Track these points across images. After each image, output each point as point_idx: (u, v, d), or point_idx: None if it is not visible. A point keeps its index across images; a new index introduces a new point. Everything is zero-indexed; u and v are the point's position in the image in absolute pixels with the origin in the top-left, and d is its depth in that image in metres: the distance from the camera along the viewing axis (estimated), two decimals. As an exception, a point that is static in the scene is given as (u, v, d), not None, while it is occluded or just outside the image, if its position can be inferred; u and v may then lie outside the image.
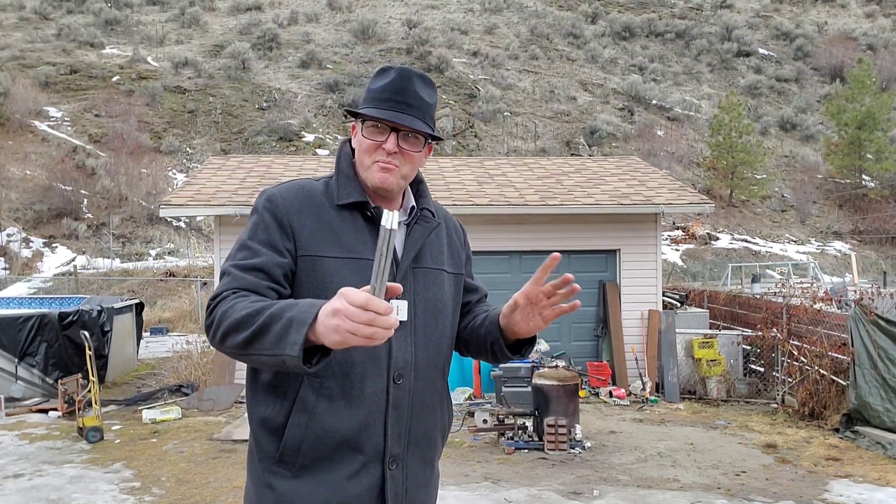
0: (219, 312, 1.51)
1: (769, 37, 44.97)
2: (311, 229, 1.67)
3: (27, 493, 5.93)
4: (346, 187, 1.73)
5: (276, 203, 1.70)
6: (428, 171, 12.16)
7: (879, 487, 6.06)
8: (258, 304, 1.49)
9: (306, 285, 1.64)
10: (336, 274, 1.63)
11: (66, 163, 26.02)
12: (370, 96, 1.75)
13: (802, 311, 9.14)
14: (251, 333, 1.43)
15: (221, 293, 1.56)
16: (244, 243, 1.67)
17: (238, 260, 1.64)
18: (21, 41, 35.35)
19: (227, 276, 1.61)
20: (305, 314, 1.37)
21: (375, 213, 1.70)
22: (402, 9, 43.64)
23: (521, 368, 8.60)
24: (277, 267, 1.62)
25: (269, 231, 1.66)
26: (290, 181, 1.78)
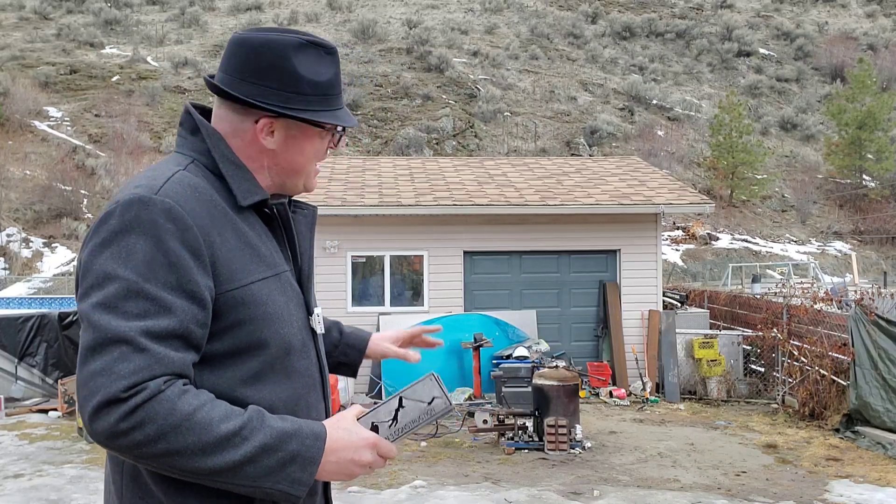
0: (160, 418, 1.10)
1: (770, 37, 44.96)
2: (230, 249, 1.26)
3: (27, 494, 5.93)
4: (242, 181, 1.34)
5: (182, 220, 1.20)
6: (428, 171, 12.16)
7: (880, 488, 6.05)
8: (226, 412, 1.16)
9: (237, 329, 1.25)
10: (268, 300, 1.29)
11: (65, 163, 26.03)
12: (322, 92, 1.36)
13: (803, 312, 9.13)
14: (233, 462, 1.13)
15: (146, 384, 1.11)
16: (137, 287, 1.15)
17: (138, 318, 1.14)
18: (21, 41, 35.36)
19: (129, 347, 1.12)
20: (312, 450, 1.20)
21: (280, 211, 1.41)
22: (402, 9, 43.64)
23: (521, 369, 8.60)
24: (198, 327, 1.19)
25: (181, 269, 1.18)
26: (167, 179, 1.25)
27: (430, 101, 32.60)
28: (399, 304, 10.29)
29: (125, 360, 1.11)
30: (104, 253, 1.18)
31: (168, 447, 1.11)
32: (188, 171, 1.30)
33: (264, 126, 1.35)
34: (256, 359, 1.27)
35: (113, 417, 1.10)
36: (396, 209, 10.02)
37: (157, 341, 1.14)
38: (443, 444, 7.47)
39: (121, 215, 1.19)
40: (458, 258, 10.33)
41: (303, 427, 1.22)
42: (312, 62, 1.35)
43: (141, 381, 1.11)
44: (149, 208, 1.19)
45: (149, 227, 1.18)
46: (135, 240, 1.17)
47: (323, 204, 9.93)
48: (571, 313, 10.56)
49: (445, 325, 10.76)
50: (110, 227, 1.19)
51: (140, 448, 1.11)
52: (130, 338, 1.12)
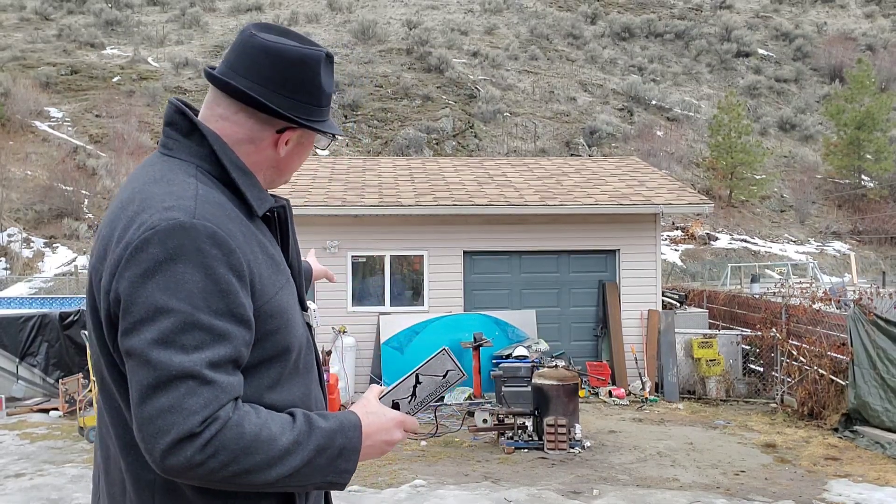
0: (232, 444, 1.13)
1: (768, 37, 44.99)
2: (260, 264, 1.27)
3: (28, 493, 5.95)
4: (253, 188, 1.34)
5: (226, 245, 1.19)
6: (428, 171, 12.19)
7: (878, 487, 6.08)
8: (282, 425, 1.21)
9: (266, 341, 1.27)
10: (287, 307, 1.32)
11: (66, 163, 26.04)
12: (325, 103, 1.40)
13: (802, 311, 9.16)
14: (293, 469, 1.19)
15: (217, 414, 1.13)
16: (193, 319, 1.14)
17: (198, 350, 1.13)
18: (22, 41, 35.38)
19: (195, 381, 1.12)
20: (354, 441, 1.28)
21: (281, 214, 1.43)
22: (402, 9, 43.65)
23: (521, 368, 8.62)
24: (246, 348, 1.22)
25: (231, 295, 1.18)
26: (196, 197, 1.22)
27: (429, 102, 32.62)
28: (399, 304, 10.31)
29: (194, 394, 1.11)
30: (149, 284, 1.14)
31: (239, 468, 1.14)
32: (201, 182, 1.27)
33: (288, 137, 1.37)
34: (280, 364, 1.30)
35: (189, 452, 1.11)
36: (396, 209, 10.04)
37: (219, 370, 1.15)
38: (443, 444, 7.49)
39: (162, 243, 1.15)
40: (457, 258, 10.35)
41: (344, 421, 1.28)
42: (328, 75, 1.39)
43: (212, 413, 1.12)
44: (192, 235, 1.16)
45: (196, 255, 1.15)
46: (182, 269, 1.14)
47: (323, 204, 9.96)
48: (571, 313, 10.59)
49: (445, 325, 10.86)
50: (152, 257, 1.14)
51: (214, 474, 1.13)
52: (196, 372, 1.12)
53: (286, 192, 9.97)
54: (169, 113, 1.35)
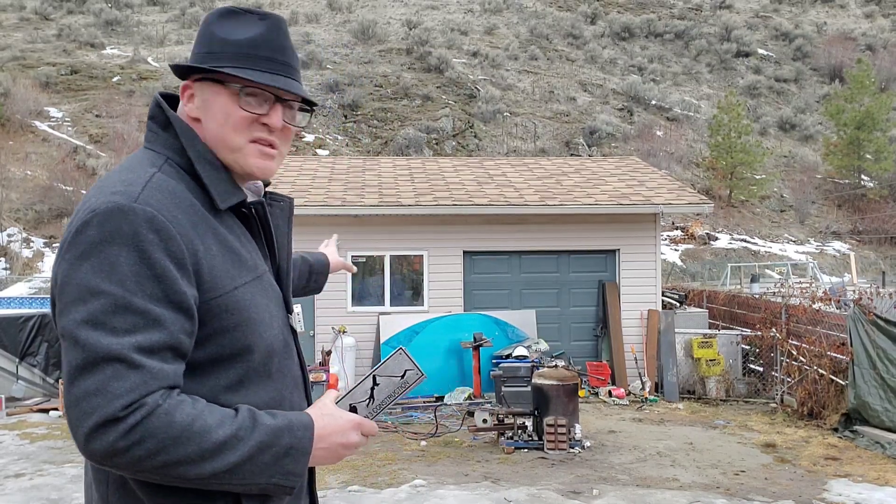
0: (160, 432, 1.09)
1: (768, 37, 45.00)
2: (213, 256, 1.22)
3: (28, 493, 5.95)
4: (220, 182, 1.29)
5: (165, 230, 1.16)
6: (428, 171, 12.18)
7: (878, 487, 6.08)
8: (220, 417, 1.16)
9: (221, 337, 1.23)
10: (251, 304, 1.27)
11: (66, 163, 26.04)
12: (235, 50, 1.29)
13: (801, 311, 9.16)
14: (231, 464, 1.14)
15: (144, 400, 1.09)
16: (125, 301, 1.11)
17: (128, 334, 1.10)
18: (21, 41, 35.37)
19: (122, 364, 1.09)
20: (304, 441, 1.21)
21: (259, 210, 1.37)
22: (402, 9, 43.66)
23: (520, 368, 8.62)
24: (186, 336, 1.17)
25: (167, 280, 1.15)
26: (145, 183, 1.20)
27: (429, 102, 32.63)
28: (399, 304, 10.31)
29: (120, 378, 1.08)
30: (84, 266, 1.13)
31: (168, 459, 1.10)
32: (163, 172, 1.25)
33: (185, 90, 1.32)
34: (240, 365, 1.26)
35: (111, 437, 1.08)
36: (396, 209, 10.04)
37: (150, 356, 1.12)
38: (443, 444, 7.49)
39: (100, 225, 1.14)
40: (457, 258, 10.35)
41: (293, 420, 1.22)
42: (234, 24, 1.32)
43: (138, 399, 1.09)
44: (129, 218, 1.14)
45: (131, 238, 1.13)
46: (117, 251, 1.12)
47: (323, 204, 9.95)
48: (571, 313, 10.59)
49: (445, 325, 10.85)
50: (89, 239, 1.13)
51: (140, 463, 1.10)
52: (123, 355, 1.09)
53: (286, 192, 9.97)
54: (151, 107, 1.34)
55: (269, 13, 1.35)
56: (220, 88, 1.29)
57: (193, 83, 1.32)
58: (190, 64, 1.31)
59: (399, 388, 1.40)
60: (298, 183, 11.00)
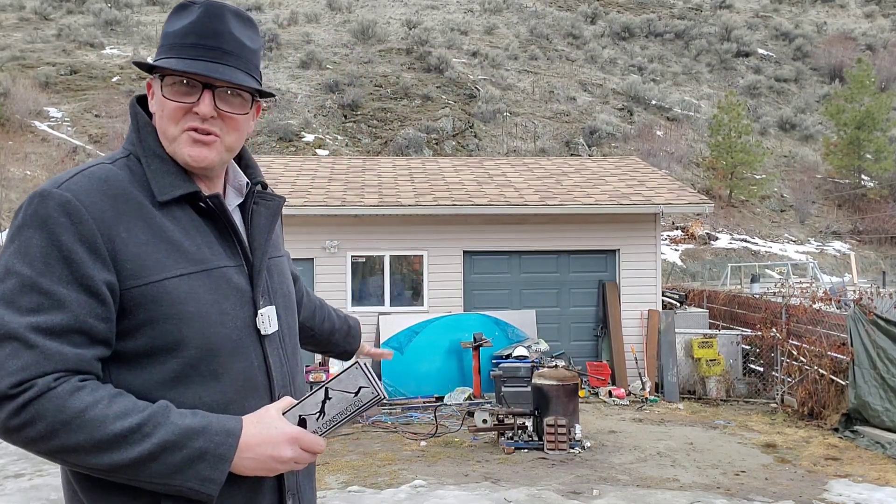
0: (50, 416, 1.09)
1: (768, 37, 45.00)
2: (139, 244, 1.21)
3: (27, 493, 5.94)
4: (165, 175, 1.29)
5: (77, 213, 1.17)
6: (428, 171, 12.17)
7: (879, 487, 6.07)
8: (125, 409, 1.13)
9: (150, 328, 1.21)
10: (188, 297, 1.23)
11: (66, 163, 26.03)
12: (168, 42, 1.31)
13: (802, 311, 9.16)
14: (131, 460, 1.11)
15: (35, 381, 1.09)
16: (31, 281, 1.13)
17: (31, 314, 1.12)
18: (21, 41, 35.37)
19: (19, 343, 1.10)
20: (223, 447, 1.16)
21: (215, 203, 1.32)
22: (402, 9, 43.65)
23: (520, 368, 8.61)
24: (98, 321, 1.16)
25: (74, 263, 1.15)
26: (77, 172, 1.24)
27: (429, 102, 32.62)
28: (399, 304, 10.30)
29: (14, 356, 1.10)
30: (9, 248, 1.18)
31: (62, 444, 1.10)
32: (116, 164, 1.27)
33: (149, 87, 1.36)
34: (175, 360, 1.22)
35: (3, 414, 1.10)
36: (396, 209, 10.04)
37: (50, 337, 1.12)
38: (442, 444, 7.49)
39: (24, 210, 1.19)
40: (457, 258, 10.35)
41: (213, 423, 1.17)
42: (176, 17, 1.33)
43: (29, 378, 1.09)
44: (45, 202, 1.18)
45: (43, 221, 1.16)
46: (30, 234, 1.16)
47: (323, 204, 9.95)
48: (571, 313, 10.58)
49: (445, 325, 10.82)
50: (15, 223, 1.19)
51: (35, 445, 1.11)
52: (20, 334, 1.11)
53: (286, 192, 9.97)
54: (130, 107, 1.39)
55: (211, 2, 1.32)
56: (156, 81, 1.32)
57: (152, 80, 1.34)
58: (139, 61, 1.37)
59: (352, 405, 1.27)
60: (298, 183, 10.99)
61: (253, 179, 1.46)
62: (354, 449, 7.26)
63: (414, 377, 9.59)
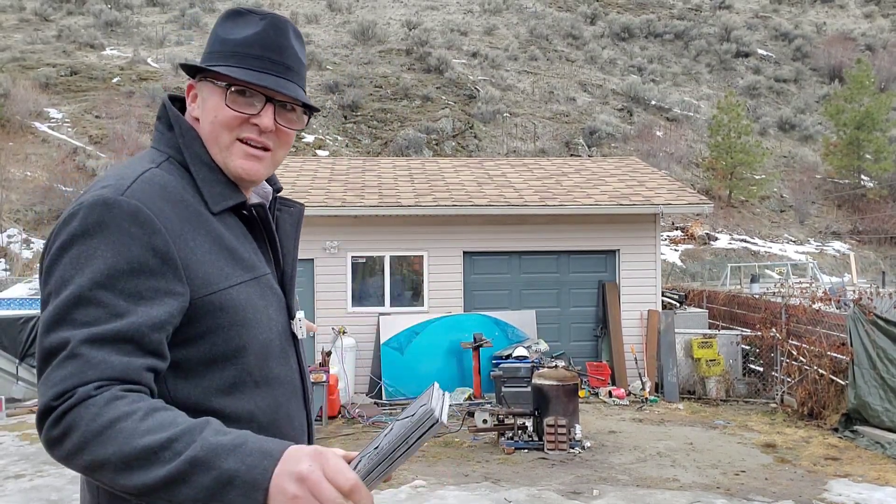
0: (83, 425, 0.99)
1: (768, 37, 45.02)
2: (205, 252, 1.19)
3: (28, 494, 5.95)
4: (215, 184, 1.27)
5: (150, 223, 1.13)
6: (427, 171, 12.18)
7: (878, 487, 6.08)
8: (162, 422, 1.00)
9: (213, 335, 1.18)
10: (247, 305, 1.22)
11: (66, 164, 26.04)
12: (227, 49, 1.29)
13: (801, 311, 9.16)
14: (160, 480, 0.96)
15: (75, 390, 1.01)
16: (90, 294, 1.07)
17: (84, 326, 1.06)
18: (21, 42, 35.38)
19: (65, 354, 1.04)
20: (255, 471, 0.96)
21: (260, 213, 1.33)
22: (402, 10, 43.67)
23: (520, 369, 8.62)
24: (155, 331, 1.10)
25: (143, 275, 1.11)
26: (135, 178, 1.18)
27: (429, 102, 32.64)
28: (399, 305, 10.31)
29: (60, 368, 1.04)
30: (64, 257, 1.11)
31: (92, 458, 0.99)
32: (161, 168, 1.23)
33: (190, 89, 1.33)
34: (234, 366, 1.21)
35: (46, 426, 1.03)
36: (396, 210, 10.05)
37: (96, 346, 1.05)
38: (443, 444, 7.50)
39: (83, 218, 1.11)
40: (457, 258, 10.36)
41: (248, 442, 0.99)
42: (234, 24, 1.31)
43: (70, 388, 1.02)
44: (112, 211, 1.11)
45: (113, 231, 1.10)
46: (96, 244, 1.10)
47: (323, 205, 9.96)
48: (571, 313, 10.59)
49: (445, 326, 10.82)
50: (71, 230, 1.11)
51: (71, 459, 1.01)
52: (69, 346, 1.04)
53: (286, 193, 9.97)
54: (159, 108, 1.34)
55: (272, 13, 1.33)
56: (213, 87, 1.28)
57: (197, 83, 1.32)
58: (187, 62, 1.33)
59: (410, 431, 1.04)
60: (298, 184, 11.00)
61: (274, 186, 1.47)
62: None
63: (414, 377, 9.59)
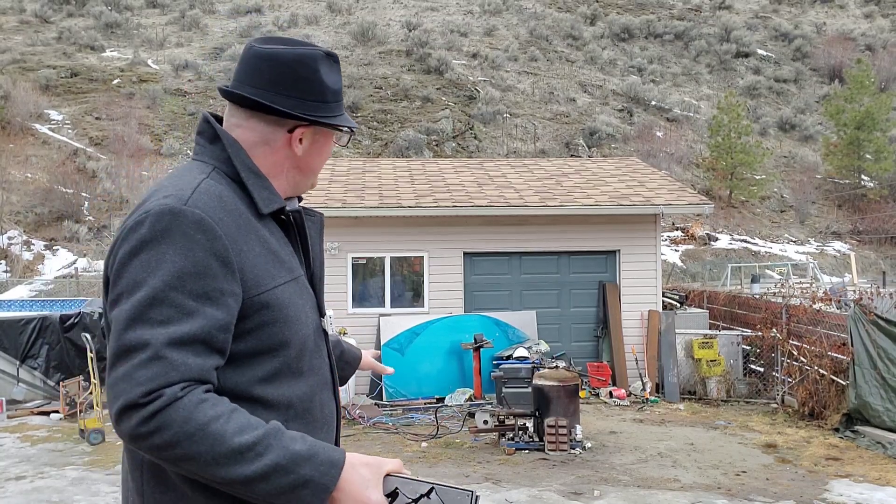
0: (176, 426, 1.14)
1: (768, 38, 45.02)
2: (255, 255, 1.31)
3: (29, 496, 5.95)
4: (262, 189, 1.40)
5: (211, 230, 1.25)
6: (428, 172, 12.19)
7: (879, 487, 6.08)
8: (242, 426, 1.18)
9: (261, 331, 1.30)
10: (289, 303, 1.35)
11: (66, 165, 26.05)
12: (337, 98, 1.47)
13: (802, 312, 9.16)
14: (245, 477, 1.16)
15: (163, 391, 1.15)
16: (163, 294, 1.19)
17: (161, 325, 1.17)
18: (21, 44, 35.40)
19: (148, 353, 1.16)
20: (326, 478, 1.20)
21: (296, 217, 1.48)
22: (402, 11, 43.68)
23: (521, 369, 8.62)
24: (220, 332, 1.23)
25: (208, 277, 1.22)
26: (195, 188, 1.31)
27: (429, 103, 32.65)
28: (399, 306, 10.31)
29: (144, 367, 1.16)
30: (134, 261, 1.22)
31: (184, 453, 1.15)
32: (211, 178, 1.35)
33: (300, 135, 1.44)
34: (277, 358, 1.33)
35: (133, 421, 1.15)
36: (396, 211, 10.05)
37: (177, 348, 1.17)
38: (443, 445, 7.49)
39: (151, 225, 1.23)
40: (458, 259, 10.36)
41: (320, 453, 1.21)
42: (330, 72, 1.46)
43: (157, 388, 1.15)
44: (178, 219, 1.23)
45: (179, 237, 1.22)
46: (164, 249, 1.21)
47: (323, 206, 9.96)
48: (571, 314, 10.59)
49: (446, 326, 10.82)
50: (140, 236, 1.23)
51: (160, 451, 1.16)
52: (150, 345, 1.16)
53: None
54: (199, 123, 1.46)
55: (335, 55, 1.50)
56: (329, 133, 1.48)
57: (308, 128, 1.45)
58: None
59: None
60: (298, 185, 11.00)
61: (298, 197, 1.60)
62: (356, 450, 7.26)
63: (415, 378, 9.60)
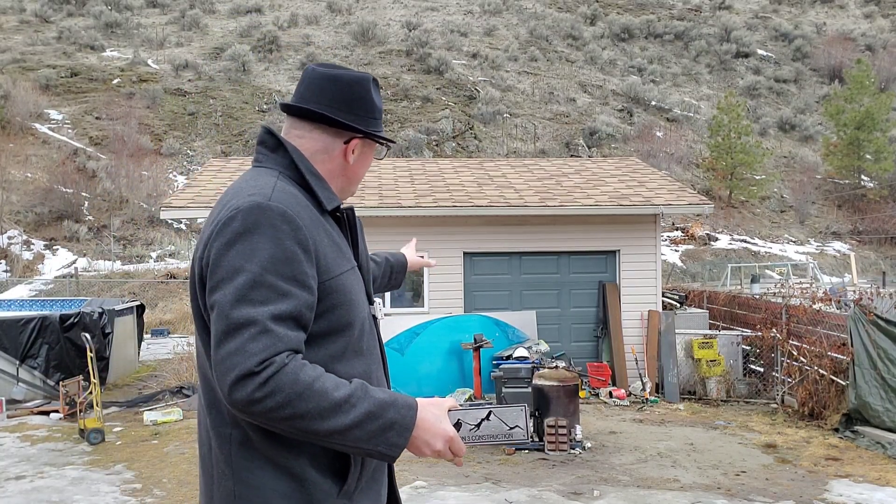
0: (287, 388, 1.33)
1: (768, 38, 45.03)
2: (325, 245, 1.53)
3: (28, 495, 5.95)
4: (324, 189, 1.63)
5: (294, 222, 1.46)
6: (428, 172, 12.19)
7: (879, 487, 6.08)
8: (336, 383, 1.39)
9: (331, 313, 1.51)
10: (351, 289, 1.57)
11: (66, 165, 26.05)
12: (378, 116, 1.72)
13: (802, 312, 9.16)
14: (344, 426, 1.36)
15: (273, 359, 1.34)
16: (261, 278, 1.39)
17: (263, 304, 1.37)
18: (22, 44, 35.39)
19: (257, 328, 1.35)
20: (407, 419, 1.41)
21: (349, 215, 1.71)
22: (402, 11, 43.68)
23: (521, 369, 8.61)
24: (307, 310, 1.44)
25: (295, 262, 1.43)
26: (273, 188, 1.52)
27: (429, 103, 32.66)
28: (399, 305, 10.31)
29: (255, 340, 1.34)
30: (231, 251, 1.41)
31: (294, 411, 1.33)
32: (281, 180, 1.55)
33: (354, 146, 1.68)
34: (343, 338, 1.53)
35: (249, 388, 1.32)
36: (396, 211, 10.05)
37: (279, 323, 1.36)
38: (443, 445, 7.49)
39: (243, 219, 1.43)
40: (457, 259, 10.36)
41: (398, 399, 1.43)
42: (376, 93, 1.72)
43: (268, 357, 1.33)
44: (267, 213, 1.43)
45: (268, 228, 1.42)
46: (257, 239, 1.41)
47: (323, 206, 9.96)
48: (571, 314, 10.59)
49: (446, 326, 10.80)
50: (234, 230, 1.42)
51: (272, 413, 1.33)
52: (258, 321, 1.35)
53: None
54: (261, 134, 1.67)
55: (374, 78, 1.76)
56: (373, 146, 1.74)
57: (361, 140, 1.70)
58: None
59: (502, 435, 1.52)
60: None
61: None
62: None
63: (415, 378, 9.60)
